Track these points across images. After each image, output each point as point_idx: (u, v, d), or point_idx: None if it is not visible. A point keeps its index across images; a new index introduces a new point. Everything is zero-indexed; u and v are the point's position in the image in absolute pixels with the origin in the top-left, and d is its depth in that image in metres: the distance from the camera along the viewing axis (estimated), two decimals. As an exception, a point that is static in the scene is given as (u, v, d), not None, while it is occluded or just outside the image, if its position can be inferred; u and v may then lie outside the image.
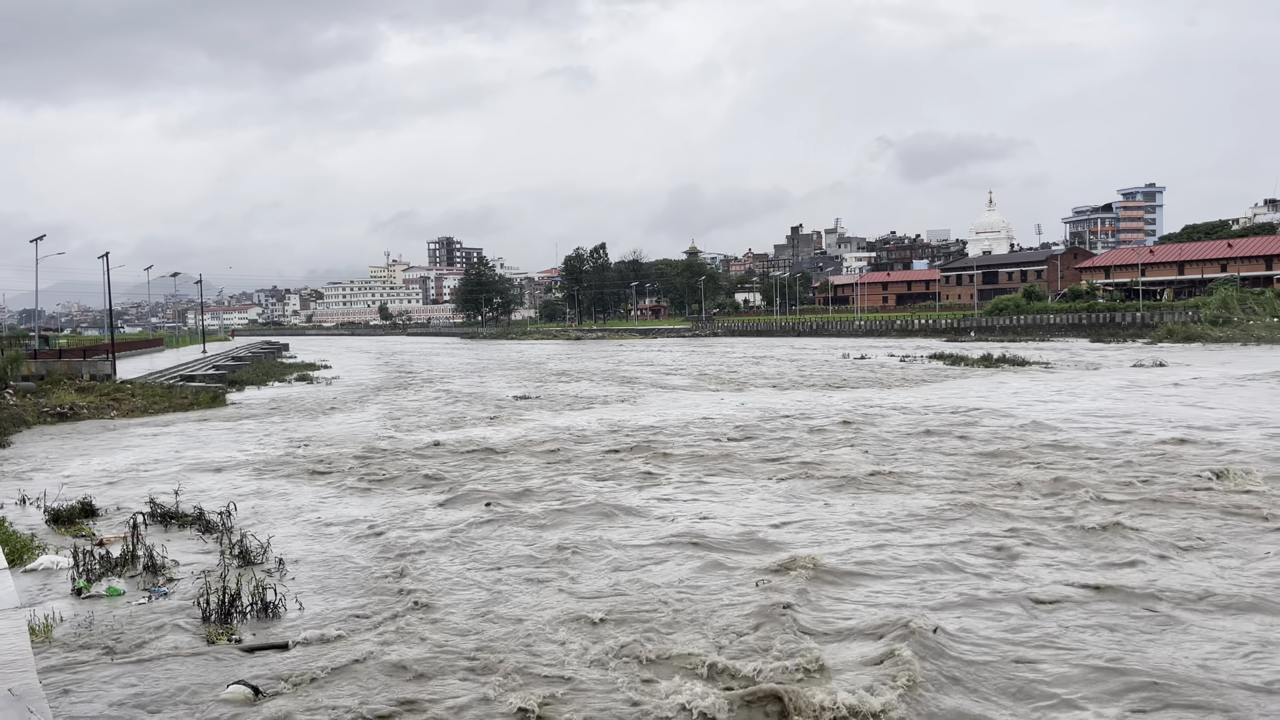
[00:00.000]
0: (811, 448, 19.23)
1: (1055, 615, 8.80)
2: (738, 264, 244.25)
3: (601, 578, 10.49)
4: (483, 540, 12.35)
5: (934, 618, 8.60)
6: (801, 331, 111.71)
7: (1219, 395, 27.63)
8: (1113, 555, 10.71)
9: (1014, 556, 10.79)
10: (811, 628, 8.61)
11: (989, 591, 9.53)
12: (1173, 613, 8.81)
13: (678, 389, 36.80)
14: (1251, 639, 8.11)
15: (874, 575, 10.23)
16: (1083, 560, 10.55)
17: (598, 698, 7.36)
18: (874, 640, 8.24)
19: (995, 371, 41.04)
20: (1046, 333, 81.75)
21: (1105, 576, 9.86)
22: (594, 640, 8.52)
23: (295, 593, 10.01)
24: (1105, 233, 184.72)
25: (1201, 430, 19.95)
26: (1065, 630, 8.40)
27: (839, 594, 9.63)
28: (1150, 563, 10.41)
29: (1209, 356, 47.72)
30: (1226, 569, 10.11)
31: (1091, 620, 8.65)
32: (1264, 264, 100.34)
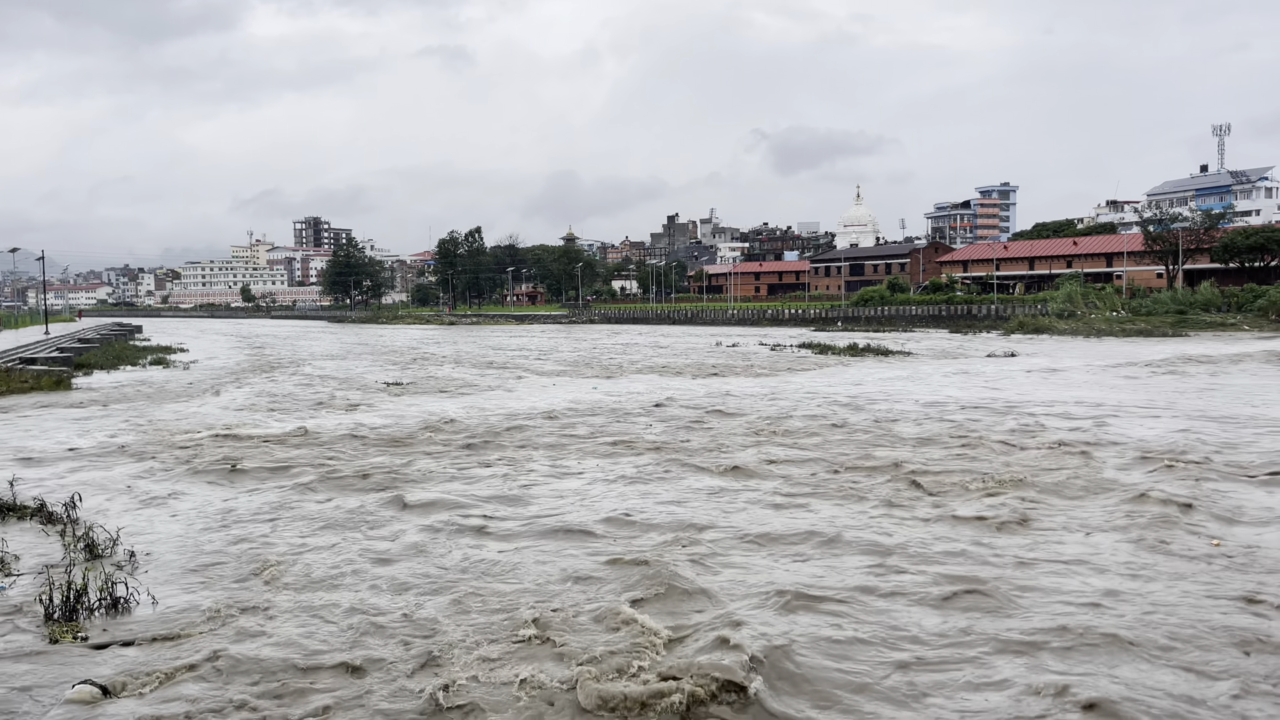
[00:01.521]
0: (675, 433, 19.50)
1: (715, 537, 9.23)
2: (615, 251, 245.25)
3: (462, 567, 10.39)
4: (345, 529, 12.04)
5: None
6: (677, 320, 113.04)
7: (1061, 382, 29.42)
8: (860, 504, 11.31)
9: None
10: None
11: (725, 521, 9.92)
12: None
13: (551, 375, 36.71)
14: (876, 553, 8.69)
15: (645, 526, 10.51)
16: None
17: (479, 688, 7.29)
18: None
19: (860, 360, 42.53)
20: (909, 323, 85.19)
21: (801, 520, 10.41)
22: (460, 628, 8.43)
23: (148, 586, 9.53)
24: (964, 228, 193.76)
25: (1038, 413, 21.21)
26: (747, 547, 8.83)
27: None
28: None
29: (1054, 347, 50.71)
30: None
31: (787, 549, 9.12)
32: (1105, 261, 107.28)
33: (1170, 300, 75.72)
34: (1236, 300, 73.74)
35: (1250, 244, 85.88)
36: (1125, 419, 20.33)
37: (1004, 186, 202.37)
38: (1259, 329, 62.34)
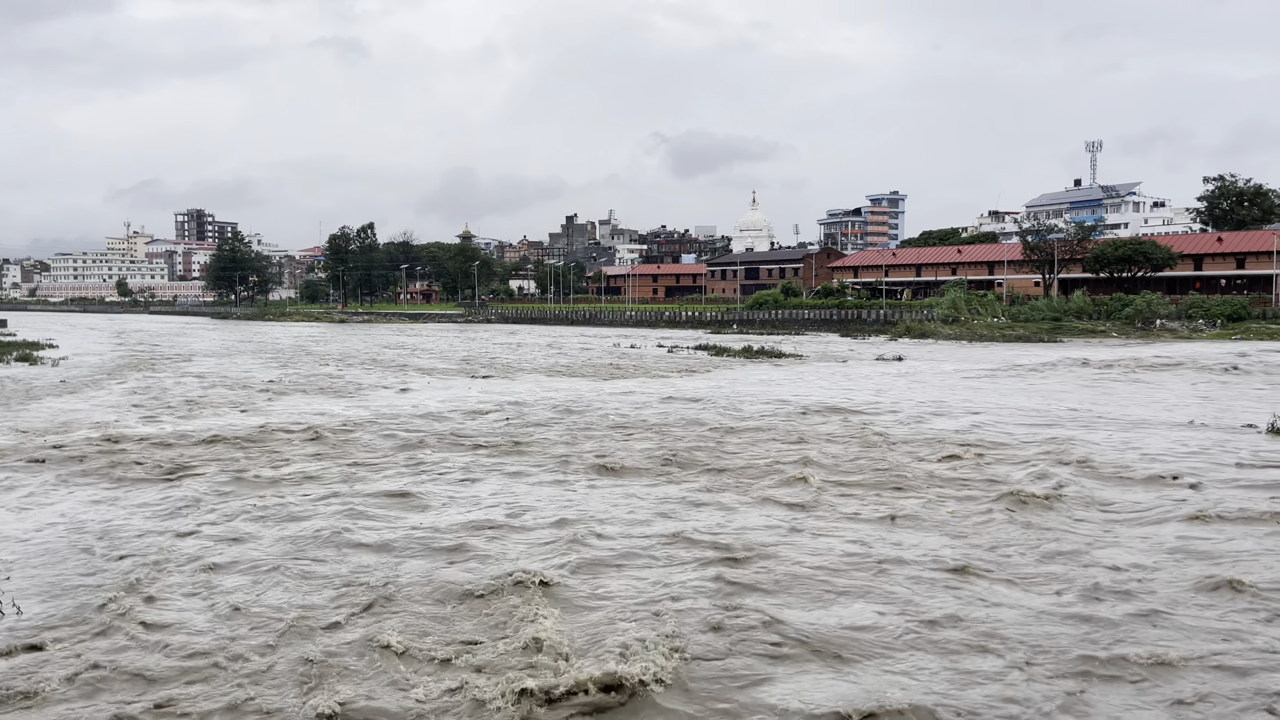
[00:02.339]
0: (565, 434, 19.31)
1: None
2: (512, 250, 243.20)
3: (354, 572, 9.98)
4: (218, 533, 11.45)
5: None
6: (575, 320, 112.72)
7: (930, 385, 30.37)
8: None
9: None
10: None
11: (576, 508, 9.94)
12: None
13: (446, 374, 36.02)
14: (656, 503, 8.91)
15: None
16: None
17: (363, 687, 6.96)
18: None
19: (755, 362, 43.10)
20: (802, 327, 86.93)
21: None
22: (340, 641, 8.07)
23: (12, 595, 8.89)
24: (855, 235, 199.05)
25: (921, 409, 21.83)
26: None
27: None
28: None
29: (939, 351, 52.45)
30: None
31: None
32: (987, 269, 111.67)
33: (1047, 308, 79.28)
34: (1106, 308, 77.73)
35: (1119, 255, 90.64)
36: (972, 414, 21.11)
37: (893, 195, 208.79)
38: (1125, 335, 65.81)
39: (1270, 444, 17.23)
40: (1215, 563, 9.88)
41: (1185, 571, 9.62)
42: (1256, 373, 33.95)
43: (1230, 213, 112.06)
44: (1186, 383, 30.58)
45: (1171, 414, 21.99)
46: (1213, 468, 14.93)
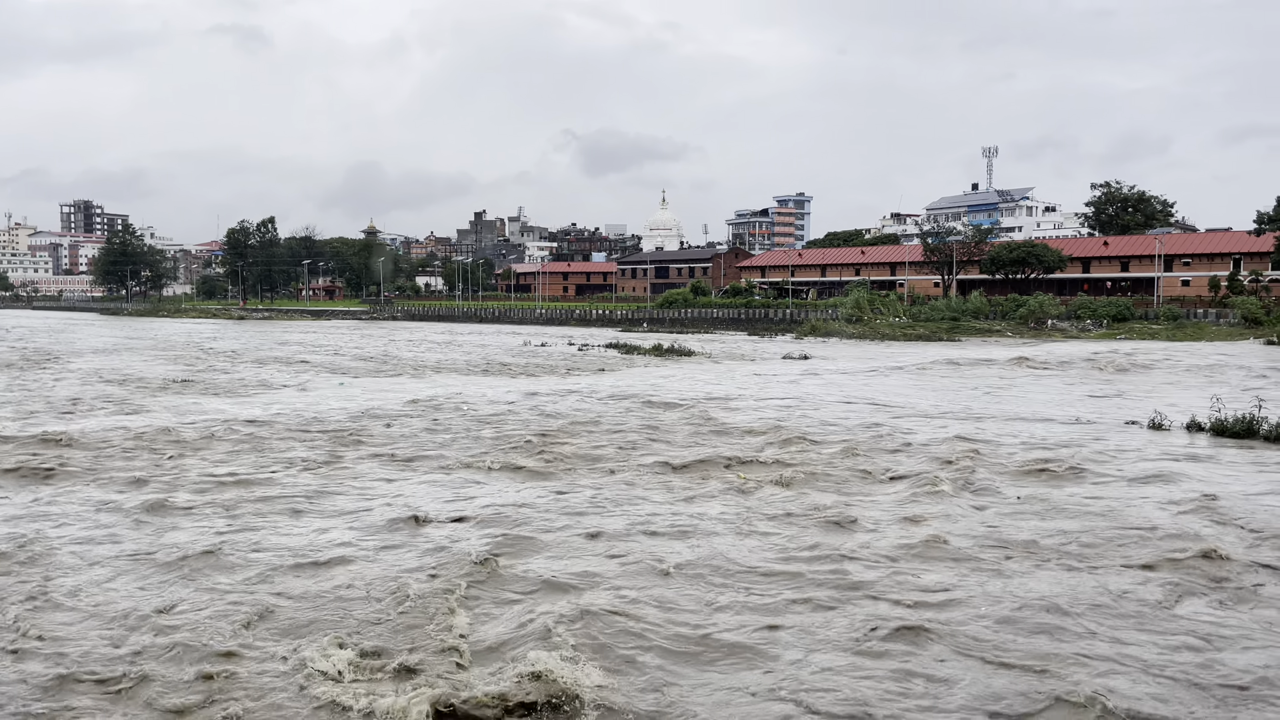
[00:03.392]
0: (467, 432, 18.99)
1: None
2: (419, 247, 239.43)
3: (256, 568, 9.55)
4: (100, 537, 10.83)
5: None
6: (484, 318, 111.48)
7: (844, 381, 30.96)
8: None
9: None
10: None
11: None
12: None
13: (349, 373, 35.12)
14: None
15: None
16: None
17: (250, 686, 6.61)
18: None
19: (665, 360, 43.23)
20: (711, 325, 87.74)
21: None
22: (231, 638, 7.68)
23: None
24: (763, 235, 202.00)
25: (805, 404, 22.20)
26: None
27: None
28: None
29: (843, 350, 53.52)
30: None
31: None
32: (889, 270, 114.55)
33: (946, 308, 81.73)
34: (1001, 309, 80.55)
35: (1013, 257, 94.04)
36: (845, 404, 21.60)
37: (800, 196, 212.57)
38: (1019, 335, 68.28)
39: (1149, 435, 17.99)
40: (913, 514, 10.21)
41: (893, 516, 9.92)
42: (1130, 371, 35.57)
43: (1116, 218, 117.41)
44: (1068, 381, 31.81)
45: (1060, 410, 22.80)
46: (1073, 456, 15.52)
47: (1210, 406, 19.18)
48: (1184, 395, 26.20)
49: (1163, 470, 14.72)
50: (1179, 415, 19.83)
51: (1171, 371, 35.29)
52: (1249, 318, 67.43)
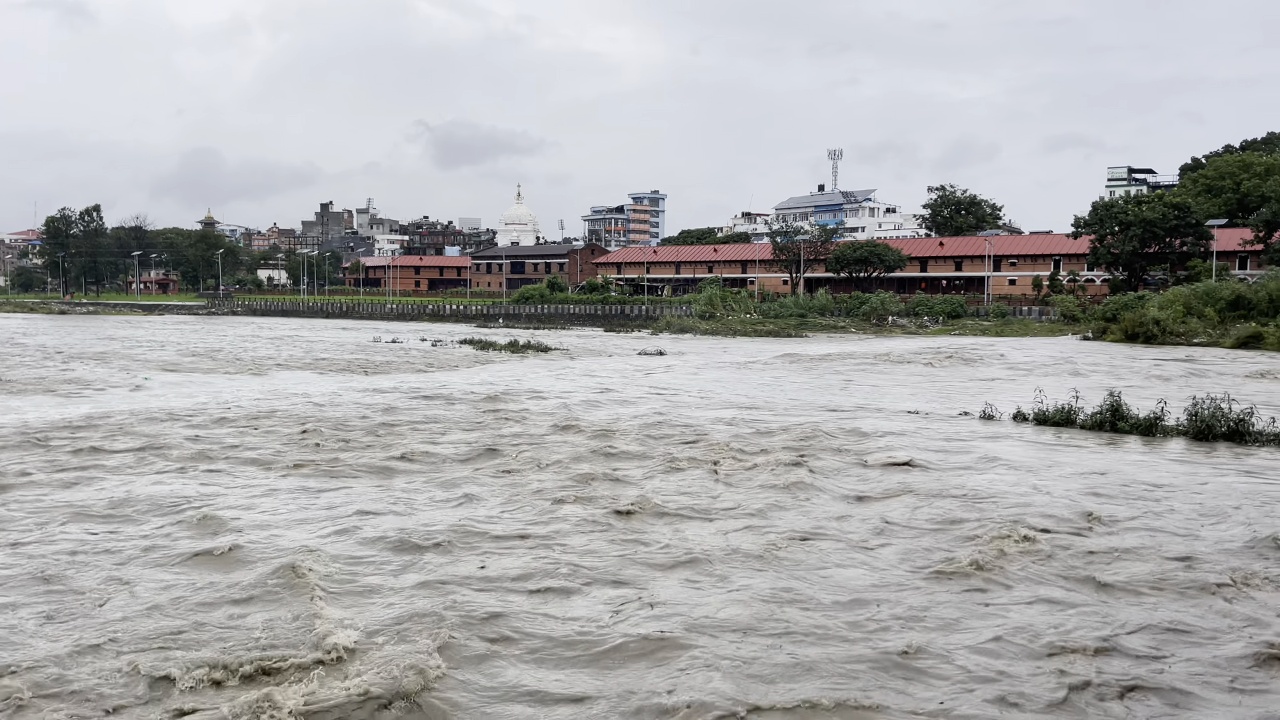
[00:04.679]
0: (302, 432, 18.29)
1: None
2: (261, 239, 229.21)
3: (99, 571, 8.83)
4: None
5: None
6: (331, 313, 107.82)
7: (700, 376, 31.52)
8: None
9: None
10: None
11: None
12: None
13: (184, 370, 33.21)
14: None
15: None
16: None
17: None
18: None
19: (521, 356, 42.86)
20: (568, 321, 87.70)
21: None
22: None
23: None
24: (619, 231, 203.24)
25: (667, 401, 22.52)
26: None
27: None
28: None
29: (697, 345, 54.46)
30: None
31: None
32: (741, 267, 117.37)
33: (794, 305, 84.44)
34: (846, 306, 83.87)
35: (857, 256, 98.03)
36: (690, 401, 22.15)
37: (654, 194, 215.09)
38: (862, 331, 71.25)
39: (980, 425, 19.05)
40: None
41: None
42: (955, 365, 37.69)
43: (950, 220, 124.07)
44: (908, 376, 33.39)
45: (901, 403, 23.87)
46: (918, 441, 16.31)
47: (1034, 398, 20.46)
48: (1012, 387, 27.89)
49: (990, 455, 15.59)
50: (1008, 406, 21.06)
51: (1001, 366, 37.53)
52: (1067, 315, 72.60)
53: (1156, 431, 17.79)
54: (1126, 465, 15.05)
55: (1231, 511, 11.78)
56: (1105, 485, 13.37)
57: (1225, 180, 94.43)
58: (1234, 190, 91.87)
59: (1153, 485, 13.38)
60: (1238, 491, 12.96)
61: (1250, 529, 10.87)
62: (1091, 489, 13.09)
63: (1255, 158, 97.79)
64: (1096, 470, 14.50)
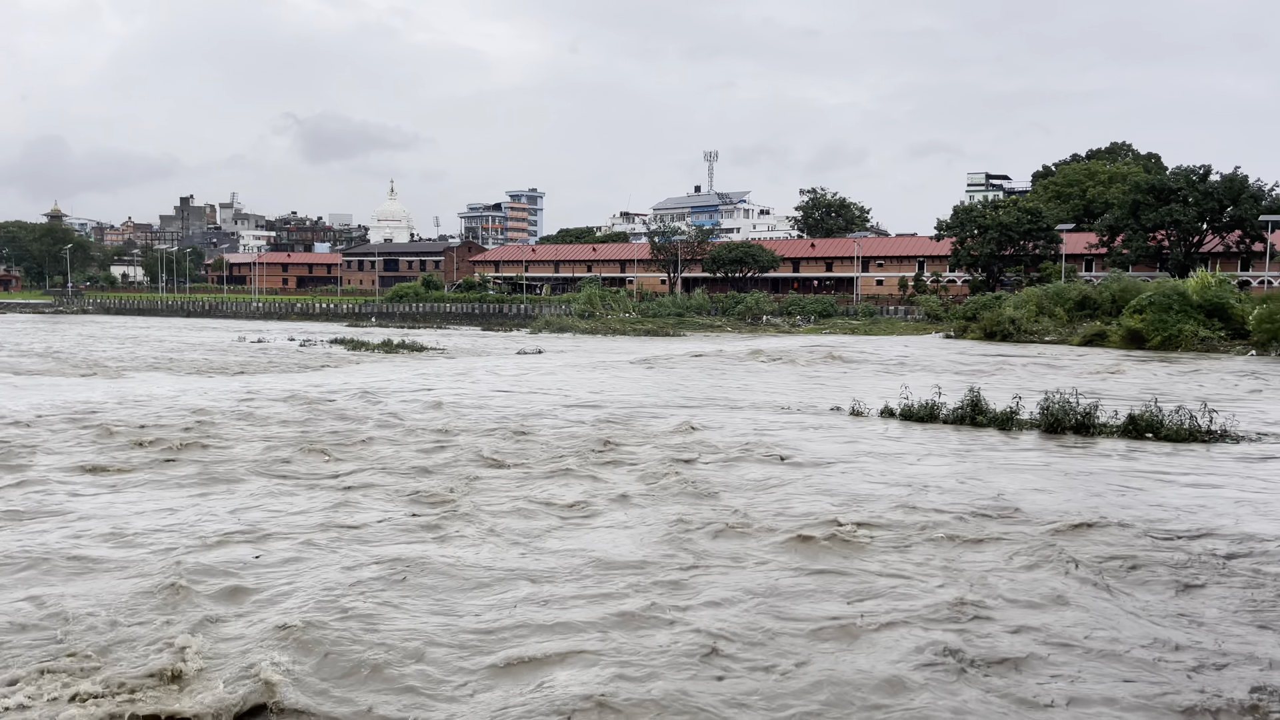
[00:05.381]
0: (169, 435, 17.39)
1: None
2: (115, 233, 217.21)
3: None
4: None
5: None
6: (192, 312, 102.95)
7: (578, 375, 31.45)
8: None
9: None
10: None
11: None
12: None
13: (28, 373, 31.06)
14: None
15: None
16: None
17: None
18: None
19: (395, 356, 41.85)
20: (444, 320, 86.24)
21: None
22: None
23: None
24: (496, 229, 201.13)
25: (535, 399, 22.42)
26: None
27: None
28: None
29: (577, 344, 54.36)
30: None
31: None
32: (620, 267, 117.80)
33: (672, 304, 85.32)
34: (722, 305, 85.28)
35: (732, 257, 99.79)
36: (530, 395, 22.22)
37: (532, 192, 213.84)
38: (738, 330, 72.57)
39: (849, 420, 19.62)
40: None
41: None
42: (827, 363, 38.84)
43: (821, 222, 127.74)
44: (782, 373, 34.16)
45: (774, 398, 24.36)
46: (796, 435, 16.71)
47: (900, 395, 21.20)
48: (880, 384, 28.84)
49: (860, 449, 16.06)
50: (876, 402, 21.76)
51: (869, 363, 38.81)
52: (931, 314, 75.76)
53: (1012, 425, 18.67)
54: (978, 458, 15.74)
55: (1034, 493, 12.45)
56: (945, 478, 13.94)
57: (1073, 187, 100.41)
58: (1080, 196, 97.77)
59: (999, 469, 14.03)
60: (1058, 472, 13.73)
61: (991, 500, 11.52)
62: (929, 481, 13.62)
63: (1099, 166, 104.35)
64: (951, 461, 15.12)
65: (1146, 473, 14.40)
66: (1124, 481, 13.67)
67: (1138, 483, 13.59)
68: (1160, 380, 30.84)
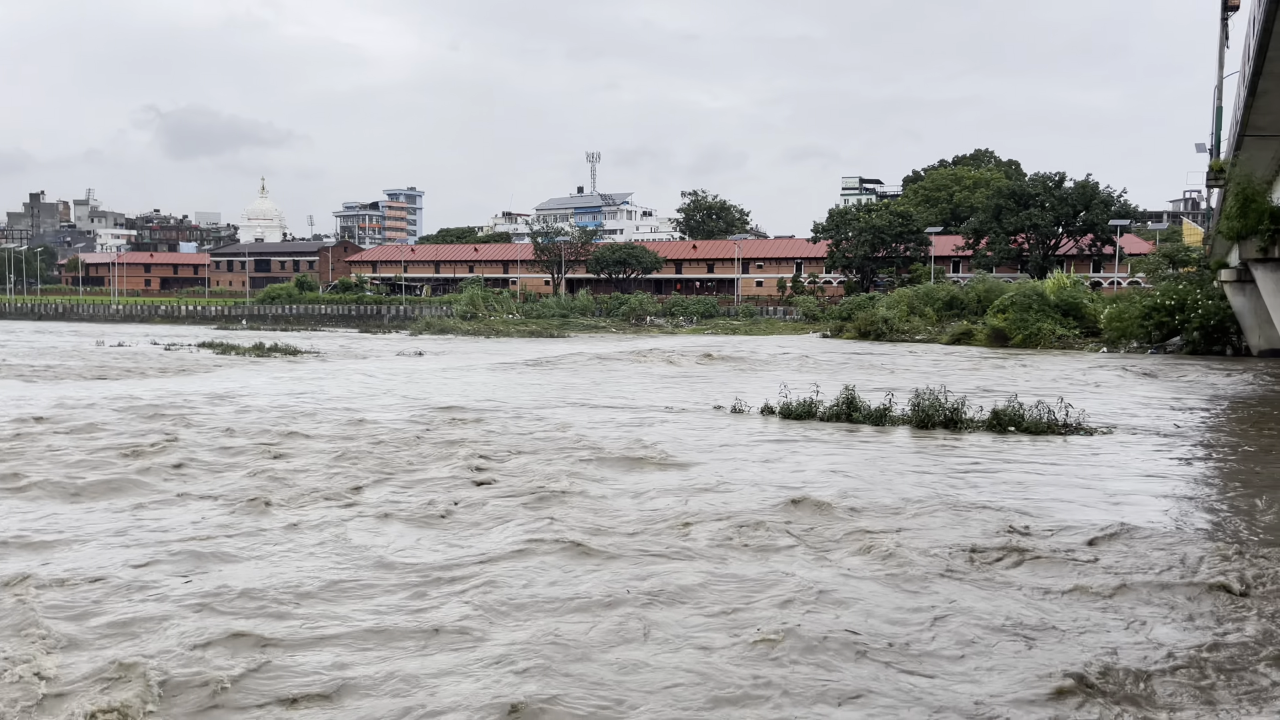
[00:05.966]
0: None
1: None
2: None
3: None
4: None
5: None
6: (44, 314, 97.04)
7: (459, 378, 30.91)
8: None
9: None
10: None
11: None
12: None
13: None
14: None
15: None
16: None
17: None
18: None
19: (267, 360, 40.27)
20: (319, 322, 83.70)
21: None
22: None
23: None
24: (373, 229, 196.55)
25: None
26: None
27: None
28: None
29: (459, 346, 53.49)
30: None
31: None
32: (502, 267, 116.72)
33: (556, 305, 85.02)
34: (606, 306, 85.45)
35: (616, 258, 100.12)
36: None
37: (411, 191, 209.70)
38: (622, 331, 72.85)
39: (730, 419, 19.86)
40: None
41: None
42: (709, 363, 39.41)
43: (703, 224, 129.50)
44: (664, 372, 34.40)
45: (655, 398, 24.47)
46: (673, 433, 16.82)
47: (780, 393, 21.57)
48: (760, 383, 29.32)
49: (739, 444, 16.25)
50: (756, 400, 22.07)
51: (750, 363, 39.46)
52: (809, 314, 77.76)
53: (885, 421, 19.22)
54: (850, 453, 16.14)
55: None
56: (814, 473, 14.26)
57: (941, 191, 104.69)
58: (948, 201, 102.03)
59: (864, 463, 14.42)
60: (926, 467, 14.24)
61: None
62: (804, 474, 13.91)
63: (965, 171, 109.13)
64: (822, 457, 15.46)
65: (988, 463, 15.01)
66: (964, 471, 14.22)
67: (974, 472, 14.15)
68: (1022, 376, 32.38)
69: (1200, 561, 9.28)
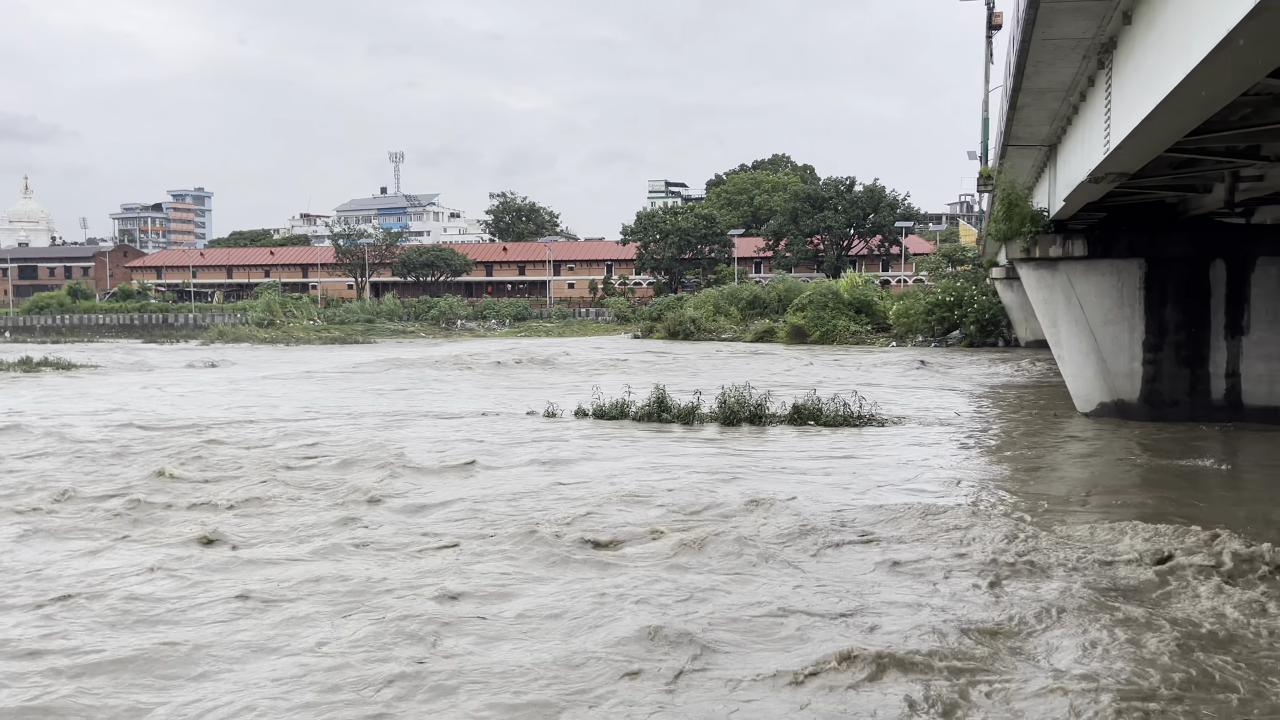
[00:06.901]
0: None
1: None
2: None
3: None
4: None
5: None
6: None
7: (248, 389, 29.30)
8: None
9: None
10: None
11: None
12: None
13: None
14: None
15: None
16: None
17: None
18: None
19: (35, 376, 36.68)
20: (96, 333, 77.31)
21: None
22: None
23: None
24: (157, 232, 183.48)
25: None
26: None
27: None
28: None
29: (256, 355, 50.65)
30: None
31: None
32: (301, 271, 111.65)
33: (361, 310, 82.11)
34: (415, 310, 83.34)
35: (423, 261, 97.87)
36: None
37: (199, 191, 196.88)
38: (432, 335, 71.28)
39: (544, 422, 19.83)
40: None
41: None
42: (524, 366, 39.28)
43: (512, 226, 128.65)
44: (478, 379, 33.94)
45: (470, 405, 24.07)
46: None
47: (593, 395, 21.71)
48: (574, 385, 29.40)
49: (553, 445, 16.24)
50: (570, 404, 22.12)
51: (564, 365, 39.49)
52: (620, 315, 78.80)
53: (694, 419, 19.71)
54: (659, 451, 16.48)
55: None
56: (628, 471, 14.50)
57: (742, 195, 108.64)
58: (749, 204, 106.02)
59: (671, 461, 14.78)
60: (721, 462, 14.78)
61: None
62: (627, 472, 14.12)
63: (764, 175, 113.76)
64: (632, 456, 15.71)
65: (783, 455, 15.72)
66: (750, 463, 14.84)
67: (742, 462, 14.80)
68: (821, 371, 34.07)
69: (983, 535, 10.05)
